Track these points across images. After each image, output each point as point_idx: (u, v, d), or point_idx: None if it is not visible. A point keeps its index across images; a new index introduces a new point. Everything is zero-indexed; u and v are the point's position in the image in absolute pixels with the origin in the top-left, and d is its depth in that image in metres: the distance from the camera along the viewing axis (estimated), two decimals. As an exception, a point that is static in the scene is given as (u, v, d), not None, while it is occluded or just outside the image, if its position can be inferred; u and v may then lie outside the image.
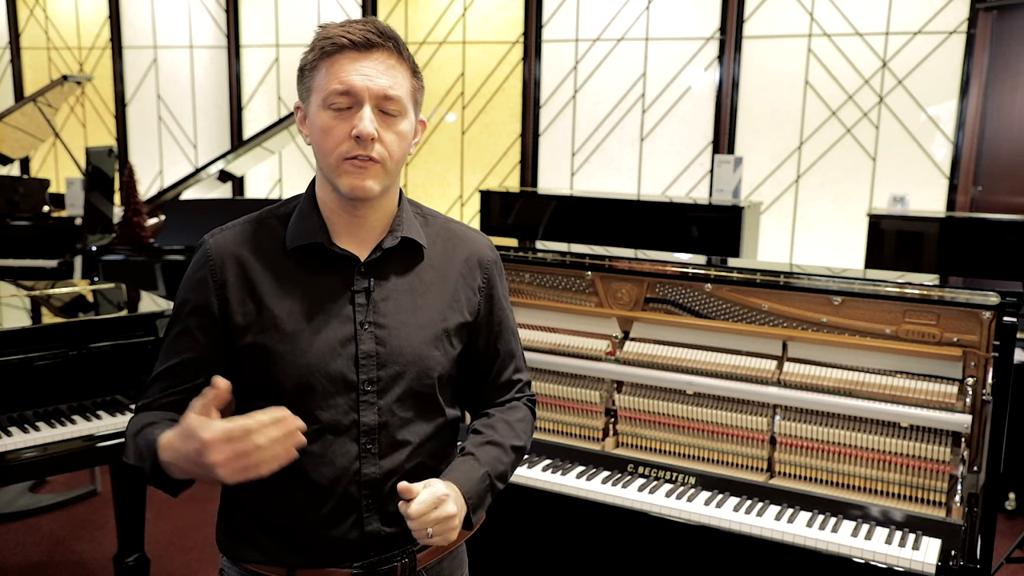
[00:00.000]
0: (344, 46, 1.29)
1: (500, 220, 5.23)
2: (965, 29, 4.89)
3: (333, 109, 1.30)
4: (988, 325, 2.07)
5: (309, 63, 1.33)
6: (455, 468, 1.39)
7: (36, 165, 8.32)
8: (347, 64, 1.29)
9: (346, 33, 1.30)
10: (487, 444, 1.44)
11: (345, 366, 1.33)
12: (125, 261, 4.59)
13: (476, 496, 1.37)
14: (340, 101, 1.29)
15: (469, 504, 1.35)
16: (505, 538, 2.46)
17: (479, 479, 1.38)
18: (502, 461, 1.44)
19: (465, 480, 1.36)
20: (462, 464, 1.40)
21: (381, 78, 1.30)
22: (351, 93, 1.29)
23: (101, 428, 2.62)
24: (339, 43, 1.29)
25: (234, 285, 1.34)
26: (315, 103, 1.32)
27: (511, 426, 1.49)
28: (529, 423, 1.54)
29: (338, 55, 1.30)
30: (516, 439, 1.48)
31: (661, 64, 5.71)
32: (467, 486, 1.36)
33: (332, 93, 1.29)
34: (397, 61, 1.33)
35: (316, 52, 1.32)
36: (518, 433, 1.49)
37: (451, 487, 1.33)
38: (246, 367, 1.35)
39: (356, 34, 1.29)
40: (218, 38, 7.22)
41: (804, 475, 2.24)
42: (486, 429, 1.47)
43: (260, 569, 1.39)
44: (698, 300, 2.40)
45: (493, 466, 1.41)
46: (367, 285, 1.36)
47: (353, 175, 1.30)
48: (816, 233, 5.45)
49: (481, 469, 1.39)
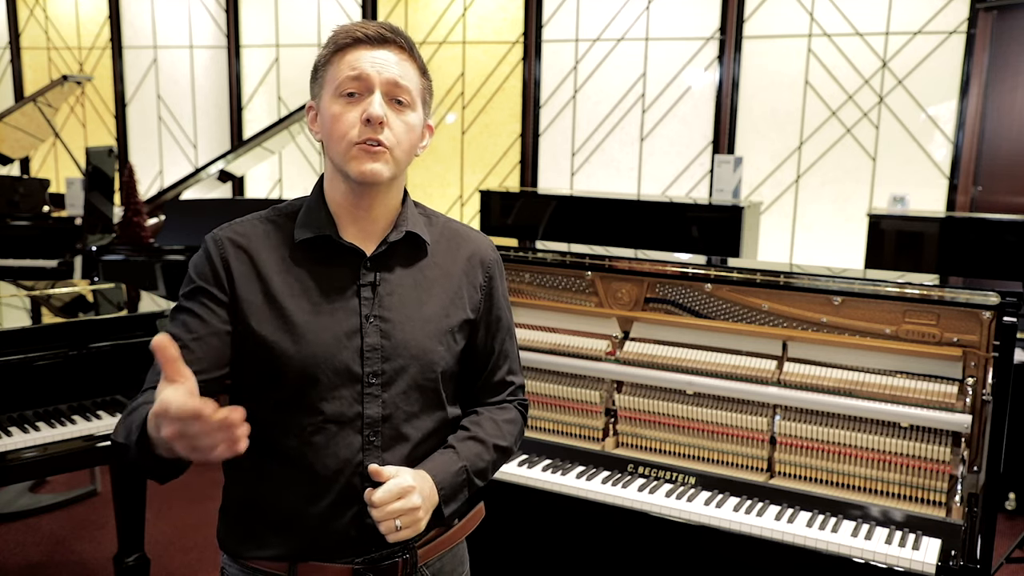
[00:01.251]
0: (359, 39, 1.34)
1: (500, 220, 5.23)
2: (965, 29, 4.89)
3: (345, 95, 1.33)
4: (988, 325, 2.07)
5: (323, 58, 1.37)
6: (432, 459, 1.40)
7: (36, 165, 8.33)
8: (359, 53, 1.34)
9: (361, 28, 1.35)
10: (470, 439, 1.45)
11: (351, 358, 1.34)
12: (125, 261, 4.59)
13: (450, 488, 1.38)
14: (352, 87, 1.33)
15: (441, 495, 1.36)
16: (505, 538, 2.46)
17: (455, 472, 1.39)
18: (483, 458, 1.45)
19: (440, 471, 1.38)
20: (440, 456, 1.41)
21: (392, 67, 1.34)
22: (362, 78, 1.32)
23: (101, 428, 2.62)
24: (355, 36, 1.34)
25: (242, 275, 1.36)
26: (327, 94, 1.36)
27: (498, 425, 1.50)
28: (517, 425, 1.55)
29: (352, 47, 1.34)
30: (501, 439, 1.49)
31: (661, 64, 5.71)
32: (441, 477, 1.37)
33: (345, 80, 1.33)
34: (408, 58, 1.37)
35: (330, 47, 1.36)
36: (504, 433, 1.50)
37: (423, 477, 1.34)
38: (251, 356, 1.36)
39: (370, 29, 1.35)
40: (218, 38, 7.22)
41: (804, 475, 2.24)
42: (472, 425, 1.48)
43: (261, 565, 1.39)
44: (698, 300, 2.40)
45: (472, 462, 1.42)
46: (373, 279, 1.38)
47: (362, 159, 1.32)
48: (816, 233, 5.45)
49: (459, 463, 1.40)
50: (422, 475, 1.35)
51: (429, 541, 1.44)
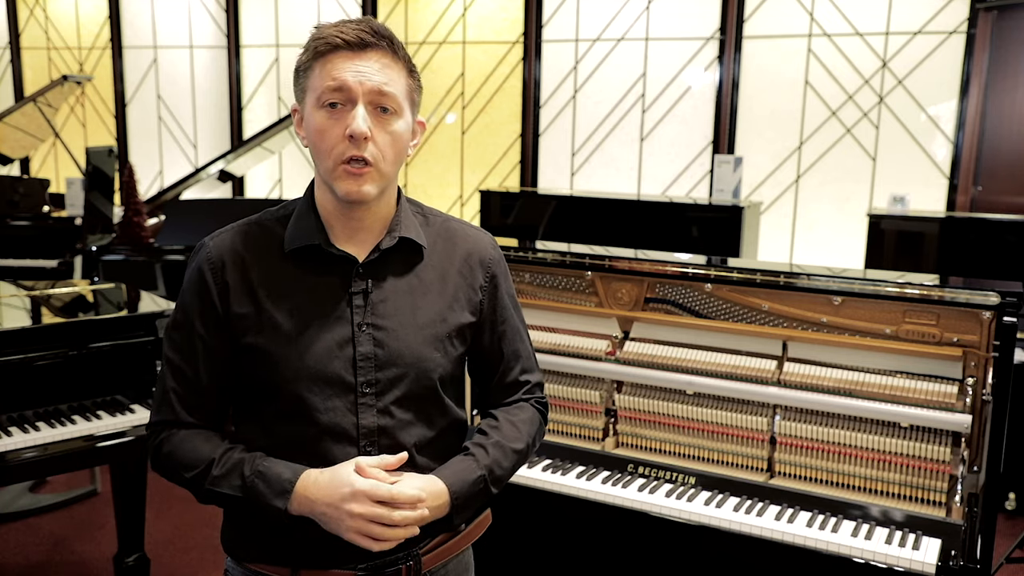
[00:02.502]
0: (338, 46, 1.29)
1: (500, 220, 5.23)
2: (965, 29, 4.89)
3: (327, 107, 1.29)
4: (988, 325, 2.07)
5: (303, 64, 1.33)
6: (450, 465, 1.38)
7: (36, 165, 8.32)
8: (340, 63, 1.29)
9: (339, 33, 1.30)
10: (491, 445, 1.42)
11: (342, 368, 1.33)
12: (125, 261, 4.59)
13: (464, 498, 1.35)
14: (334, 98, 1.29)
15: (455, 504, 1.34)
16: (506, 538, 2.46)
17: (473, 481, 1.37)
18: (502, 465, 1.42)
19: (457, 480, 1.35)
20: (459, 463, 1.38)
21: (375, 75, 1.29)
22: (344, 89, 1.28)
23: (101, 428, 2.62)
24: (333, 43, 1.29)
25: (235, 287, 1.35)
26: (310, 103, 1.32)
27: (516, 427, 1.46)
28: (536, 424, 1.51)
29: (331, 54, 1.30)
30: (519, 441, 1.45)
31: (661, 64, 5.71)
32: (457, 486, 1.34)
33: (326, 90, 1.29)
34: (392, 60, 1.32)
35: (310, 53, 1.32)
36: (522, 435, 1.46)
37: (433, 484, 1.32)
38: (245, 368, 1.35)
39: (350, 34, 1.29)
40: (218, 38, 7.22)
41: (804, 475, 2.24)
42: (491, 430, 1.45)
43: (264, 569, 1.38)
44: (698, 300, 2.40)
45: (491, 469, 1.39)
46: (365, 286, 1.36)
47: (348, 181, 1.30)
48: (816, 233, 5.45)
49: (478, 471, 1.38)
50: (434, 481, 1.33)
51: (435, 547, 1.42)
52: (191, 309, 1.36)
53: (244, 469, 1.31)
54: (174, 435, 1.37)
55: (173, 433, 1.37)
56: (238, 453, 1.33)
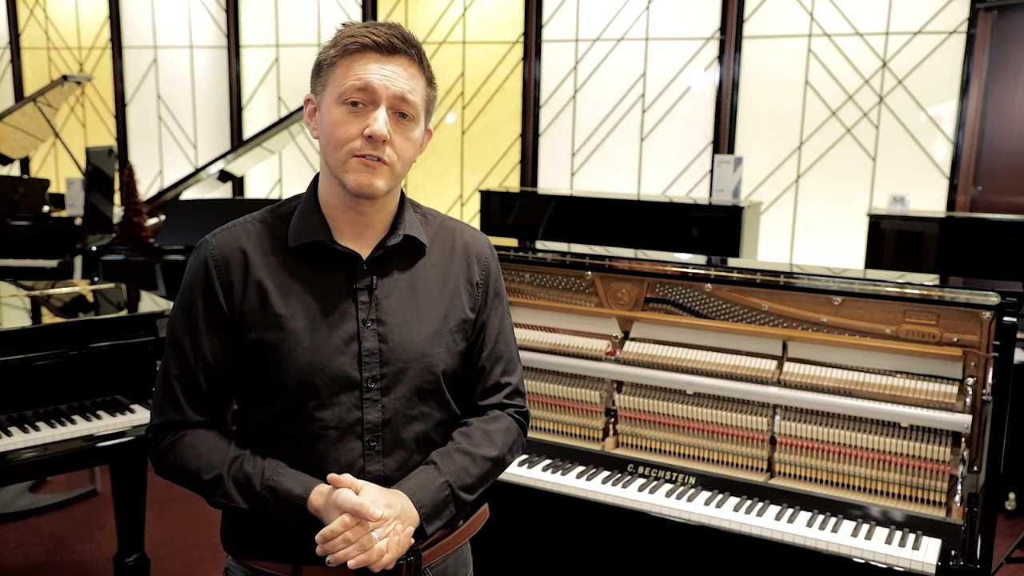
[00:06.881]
0: (368, 46, 1.30)
1: (500, 220, 5.23)
2: (965, 29, 4.89)
3: (348, 104, 1.30)
4: (988, 325, 2.07)
5: (329, 58, 1.33)
6: (412, 476, 1.36)
7: (36, 165, 8.32)
8: (368, 64, 1.30)
9: (371, 34, 1.31)
10: (455, 452, 1.40)
11: (348, 364, 1.33)
12: (125, 261, 4.59)
13: (431, 506, 1.34)
14: (357, 97, 1.30)
15: (422, 514, 1.32)
16: (506, 538, 2.46)
17: (436, 488, 1.35)
18: (470, 472, 1.39)
19: (419, 489, 1.34)
20: (421, 474, 1.37)
21: (400, 82, 1.31)
22: (369, 91, 1.29)
23: (101, 428, 2.62)
24: (363, 42, 1.31)
25: (239, 283, 1.35)
26: (330, 97, 1.32)
27: (488, 435, 1.44)
28: (514, 435, 1.49)
29: (360, 54, 1.31)
30: (491, 449, 1.43)
31: (661, 64, 5.71)
32: (420, 496, 1.33)
33: (350, 88, 1.30)
34: (418, 70, 1.34)
35: (339, 49, 1.32)
36: (495, 443, 1.44)
37: (399, 498, 1.31)
38: (250, 364, 1.36)
39: (381, 37, 1.31)
40: (218, 38, 7.22)
41: (804, 475, 2.24)
42: (459, 437, 1.43)
43: (266, 567, 1.39)
44: (698, 300, 2.40)
45: (457, 476, 1.38)
46: (370, 283, 1.37)
47: (361, 172, 1.30)
48: (816, 233, 5.45)
49: (440, 478, 1.36)
50: (398, 495, 1.31)
51: (434, 543, 1.42)
52: (194, 306, 1.36)
53: (255, 483, 1.31)
54: (179, 441, 1.37)
55: (178, 438, 1.37)
56: (247, 465, 1.33)
